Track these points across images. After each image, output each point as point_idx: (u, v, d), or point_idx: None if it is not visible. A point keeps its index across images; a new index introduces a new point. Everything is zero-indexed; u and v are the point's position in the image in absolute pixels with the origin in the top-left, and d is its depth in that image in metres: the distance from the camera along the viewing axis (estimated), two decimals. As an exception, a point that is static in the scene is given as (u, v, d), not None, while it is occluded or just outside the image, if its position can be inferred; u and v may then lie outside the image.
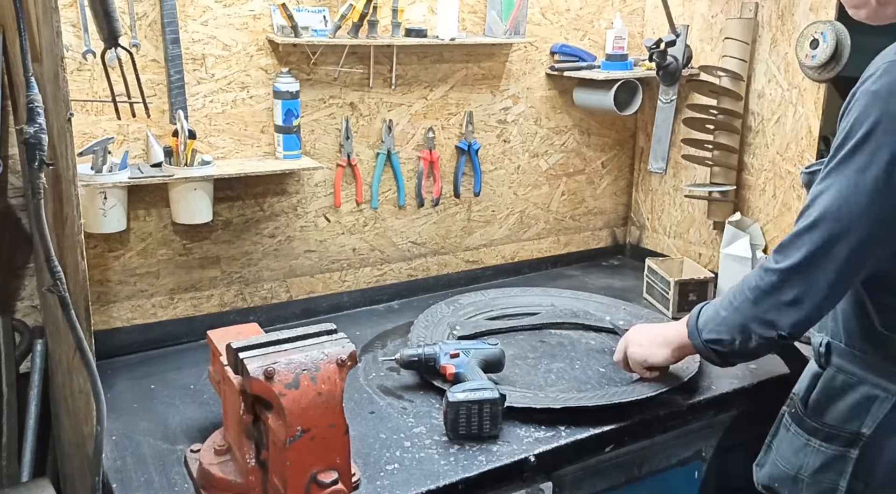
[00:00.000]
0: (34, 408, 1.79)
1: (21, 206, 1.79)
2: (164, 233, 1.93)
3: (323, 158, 2.09)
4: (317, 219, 2.14)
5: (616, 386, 1.72)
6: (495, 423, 1.53)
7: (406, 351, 1.72)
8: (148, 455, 1.50)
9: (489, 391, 1.53)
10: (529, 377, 1.78)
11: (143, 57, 1.79)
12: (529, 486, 1.53)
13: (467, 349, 1.69)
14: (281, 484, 1.19)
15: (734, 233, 2.22)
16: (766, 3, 2.16)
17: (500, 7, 2.18)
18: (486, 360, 1.69)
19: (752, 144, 2.25)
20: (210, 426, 1.57)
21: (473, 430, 1.52)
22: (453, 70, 2.23)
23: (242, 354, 1.20)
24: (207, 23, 1.86)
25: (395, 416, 1.63)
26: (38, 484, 1.51)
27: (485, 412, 1.51)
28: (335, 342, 1.25)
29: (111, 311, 1.92)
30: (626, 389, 1.68)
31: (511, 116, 2.38)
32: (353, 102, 2.10)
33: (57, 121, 1.30)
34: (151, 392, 1.74)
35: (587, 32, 2.43)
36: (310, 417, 1.17)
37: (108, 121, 1.79)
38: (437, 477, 1.43)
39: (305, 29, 1.92)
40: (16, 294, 1.84)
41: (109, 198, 1.77)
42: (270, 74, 1.96)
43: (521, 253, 2.54)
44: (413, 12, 2.12)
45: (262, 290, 2.10)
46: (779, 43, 2.14)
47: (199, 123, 1.90)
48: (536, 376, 1.79)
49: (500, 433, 1.55)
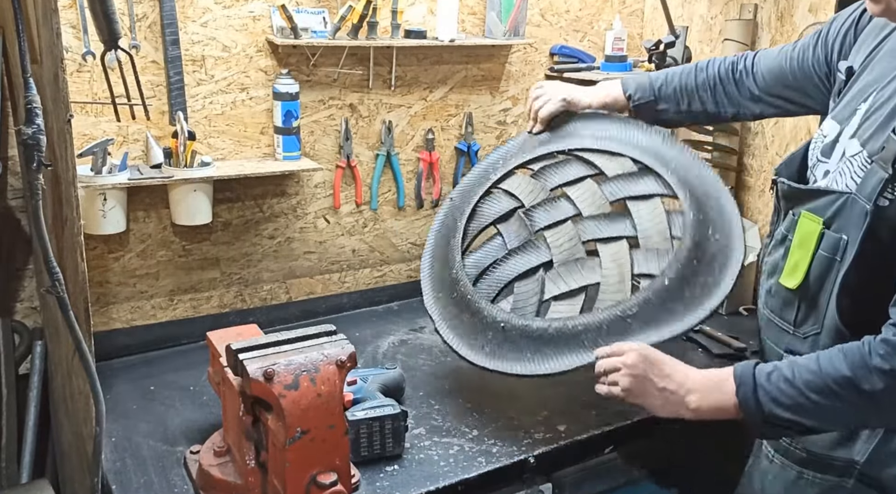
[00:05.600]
0: (33, 410, 1.79)
1: (21, 207, 1.79)
2: (164, 234, 1.93)
3: (322, 160, 2.09)
4: (316, 220, 2.14)
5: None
6: (398, 441, 1.47)
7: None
8: (147, 457, 1.50)
9: (390, 408, 1.47)
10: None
11: (142, 58, 1.79)
12: (529, 487, 1.53)
13: (365, 376, 1.63)
14: (280, 486, 1.19)
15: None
16: (765, 4, 2.16)
17: (499, 8, 2.18)
18: (386, 384, 1.63)
19: (752, 146, 2.25)
20: (209, 427, 1.57)
21: (376, 449, 1.46)
22: (453, 71, 2.23)
23: (242, 355, 1.20)
24: (207, 24, 1.86)
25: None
26: (38, 486, 1.51)
27: (386, 429, 1.45)
28: (335, 343, 1.25)
29: (110, 312, 1.92)
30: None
31: (510, 118, 2.38)
32: (352, 103, 2.10)
33: (56, 122, 1.30)
34: (151, 394, 1.74)
35: (587, 34, 2.43)
36: (309, 418, 1.17)
37: (107, 122, 1.79)
38: (436, 478, 1.43)
39: (305, 30, 1.92)
40: (15, 296, 1.84)
41: (109, 199, 1.77)
42: (270, 75, 1.96)
43: (520, 254, 2.54)
44: (412, 14, 2.12)
45: (261, 291, 2.10)
46: (778, 44, 2.14)
47: (198, 124, 1.90)
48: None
49: (403, 451, 1.49)
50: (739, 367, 1.28)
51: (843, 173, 1.27)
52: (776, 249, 1.39)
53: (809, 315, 1.31)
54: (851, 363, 1.17)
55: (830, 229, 1.25)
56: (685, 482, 1.76)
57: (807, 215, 1.30)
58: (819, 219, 1.27)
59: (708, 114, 1.70)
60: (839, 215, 1.24)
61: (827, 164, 1.31)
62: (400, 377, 1.68)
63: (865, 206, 1.19)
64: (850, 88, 1.33)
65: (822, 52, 1.46)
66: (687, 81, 1.69)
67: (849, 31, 1.41)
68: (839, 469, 1.28)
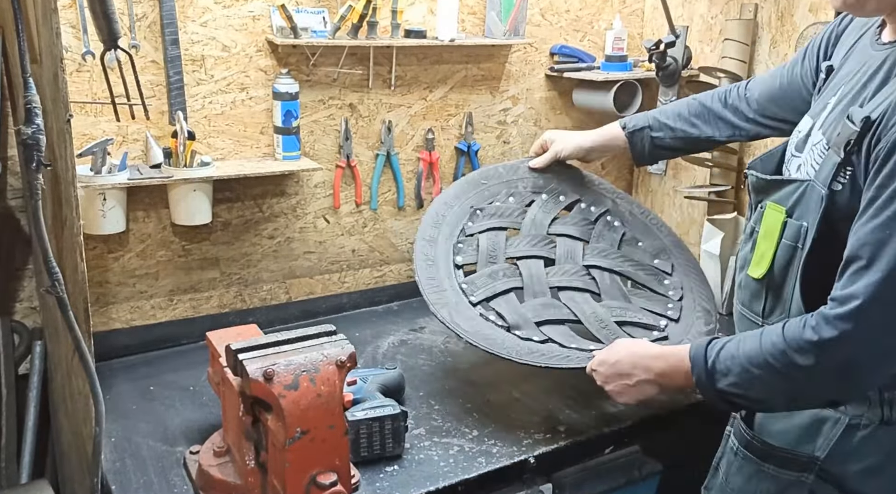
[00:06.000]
0: (33, 410, 1.79)
1: (20, 207, 1.79)
2: (164, 234, 1.93)
3: (322, 160, 2.08)
4: (316, 220, 2.14)
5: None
6: (398, 441, 1.47)
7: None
8: (147, 457, 1.50)
9: (390, 408, 1.47)
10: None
11: (142, 58, 1.79)
12: (529, 487, 1.53)
13: (365, 376, 1.63)
14: (280, 486, 1.19)
15: (711, 230, 2.22)
16: (765, 4, 2.16)
17: (499, 8, 2.18)
18: (386, 385, 1.63)
19: (752, 146, 2.25)
20: (209, 427, 1.57)
21: (376, 450, 1.46)
22: (453, 71, 2.23)
23: (242, 355, 1.20)
24: (207, 24, 1.86)
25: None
26: (37, 486, 1.51)
27: (386, 429, 1.45)
28: (334, 343, 1.25)
29: (110, 312, 1.92)
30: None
31: (510, 117, 2.38)
32: (352, 103, 2.10)
33: (56, 122, 1.30)
34: (150, 394, 1.74)
35: (587, 33, 2.43)
36: (309, 418, 1.17)
37: (107, 122, 1.79)
38: (436, 479, 1.43)
39: (305, 30, 1.92)
40: (15, 296, 1.84)
41: (109, 199, 1.77)
42: (270, 75, 1.96)
43: (520, 254, 2.54)
44: (412, 13, 2.12)
45: (261, 291, 2.10)
46: (778, 44, 2.14)
47: (198, 124, 1.90)
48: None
49: (403, 451, 1.49)
50: (694, 346, 1.33)
51: (806, 162, 1.29)
52: (746, 243, 1.41)
53: (776, 305, 1.32)
54: (787, 336, 1.19)
55: (792, 218, 1.27)
56: (684, 481, 1.76)
57: (772, 206, 1.32)
58: (782, 208, 1.29)
59: (703, 139, 1.75)
60: (800, 203, 1.26)
61: (800, 158, 1.33)
62: (400, 377, 1.68)
63: (822, 191, 1.21)
64: (827, 85, 1.36)
65: (810, 62, 1.50)
66: (681, 109, 1.77)
67: (832, 33, 1.45)
68: (800, 465, 1.28)
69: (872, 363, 1.16)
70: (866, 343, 1.14)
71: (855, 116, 1.18)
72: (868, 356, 1.15)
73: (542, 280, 1.73)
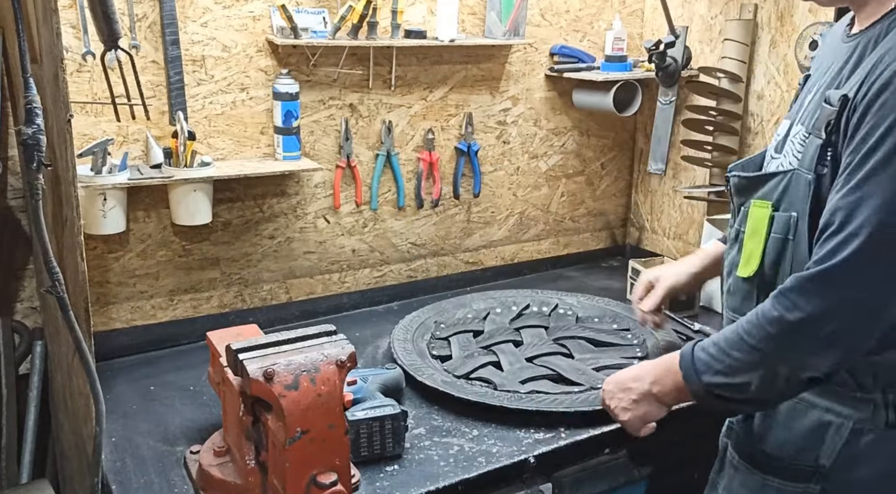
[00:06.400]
0: (33, 410, 1.79)
1: (21, 207, 1.79)
2: (164, 234, 1.93)
3: (322, 160, 2.09)
4: (316, 220, 2.14)
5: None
6: (398, 441, 1.47)
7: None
8: (147, 457, 1.50)
9: (390, 408, 1.47)
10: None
11: (142, 58, 1.79)
12: (529, 487, 1.53)
13: (365, 376, 1.63)
14: (280, 486, 1.19)
15: (711, 230, 2.22)
16: (765, 4, 2.16)
17: (499, 8, 2.18)
18: (386, 384, 1.63)
19: (752, 146, 2.25)
20: (209, 427, 1.57)
21: (376, 450, 1.45)
22: (453, 71, 2.23)
23: (242, 355, 1.20)
24: (207, 24, 1.86)
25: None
26: (38, 486, 1.52)
27: (387, 429, 1.45)
28: (335, 343, 1.25)
29: (110, 312, 1.92)
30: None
31: (510, 118, 2.38)
32: (352, 103, 2.10)
33: (56, 122, 1.30)
34: (151, 394, 1.74)
35: (586, 34, 2.43)
36: (309, 418, 1.17)
37: (107, 122, 1.80)
38: (436, 478, 1.43)
39: (305, 30, 1.92)
40: (15, 296, 1.84)
41: (109, 199, 1.77)
42: (270, 75, 1.96)
43: (520, 254, 2.54)
44: (412, 14, 2.12)
45: (261, 291, 2.10)
46: (778, 44, 2.14)
47: (198, 124, 1.90)
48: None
49: (403, 451, 1.49)
50: (684, 346, 1.34)
51: (787, 155, 1.29)
52: (731, 248, 1.40)
53: None
54: (760, 311, 1.20)
55: (780, 210, 1.27)
56: (683, 482, 1.76)
57: (756, 203, 1.31)
58: (768, 203, 1.28)
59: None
60: (786, 194, 1.26)
61: (779, 159, 1.33)
62: (400, 377, 1.68)
63: (808, 177, 1.21)
64: (803, 89, 1.38)
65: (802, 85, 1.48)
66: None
67: (814, 49, 1.46)
68: (806, 474, 1.26)
69: (845, 327, 1.13)
70: (839, 305, 1.12)
71: (832, 98, 1.19)
72: (841, 319, 1.13)
73: (517, 354, 1.86)
